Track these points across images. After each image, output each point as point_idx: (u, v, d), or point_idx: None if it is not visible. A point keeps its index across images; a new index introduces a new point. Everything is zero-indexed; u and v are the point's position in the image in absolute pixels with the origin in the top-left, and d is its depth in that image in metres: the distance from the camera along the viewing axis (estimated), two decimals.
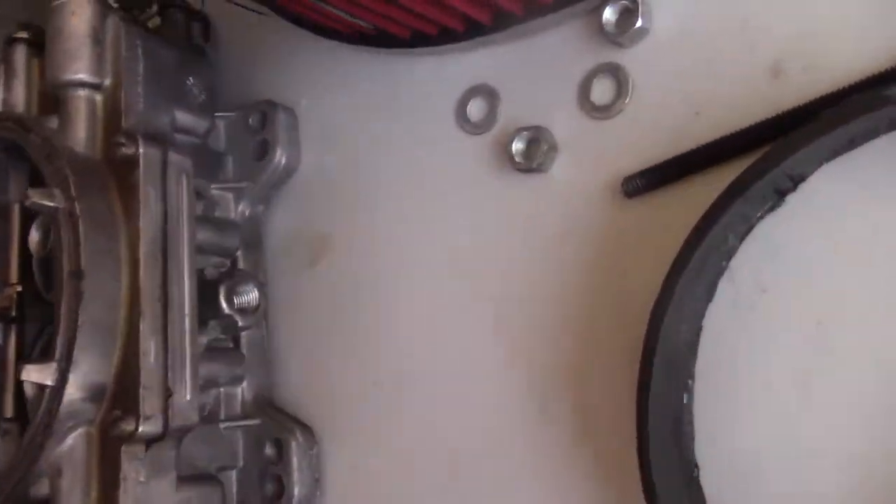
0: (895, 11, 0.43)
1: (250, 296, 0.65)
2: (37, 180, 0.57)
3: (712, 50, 0.49)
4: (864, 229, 0.43)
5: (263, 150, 0.67)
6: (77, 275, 0.53)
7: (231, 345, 0.66)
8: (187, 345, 0.57)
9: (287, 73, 0.70)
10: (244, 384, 0.65)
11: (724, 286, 0.47)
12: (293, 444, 0.62)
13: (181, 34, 0.73)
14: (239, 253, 0.68)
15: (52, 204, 0.54)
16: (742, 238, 0.46)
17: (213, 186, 0.67)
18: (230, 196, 0.68)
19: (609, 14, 0.51)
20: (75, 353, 0.53)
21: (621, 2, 0.50)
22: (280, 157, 0.67)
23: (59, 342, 0.53)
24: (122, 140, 0.56)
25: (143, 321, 0.55)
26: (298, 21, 0.63)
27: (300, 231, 0.67)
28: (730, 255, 0.46)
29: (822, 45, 0.45)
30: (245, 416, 0.65)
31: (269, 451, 0.64)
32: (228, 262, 0.67)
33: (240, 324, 0.64)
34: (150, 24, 0.76)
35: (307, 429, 0.63)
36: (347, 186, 0.65)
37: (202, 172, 0.67)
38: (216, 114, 0.68)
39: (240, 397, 0.65)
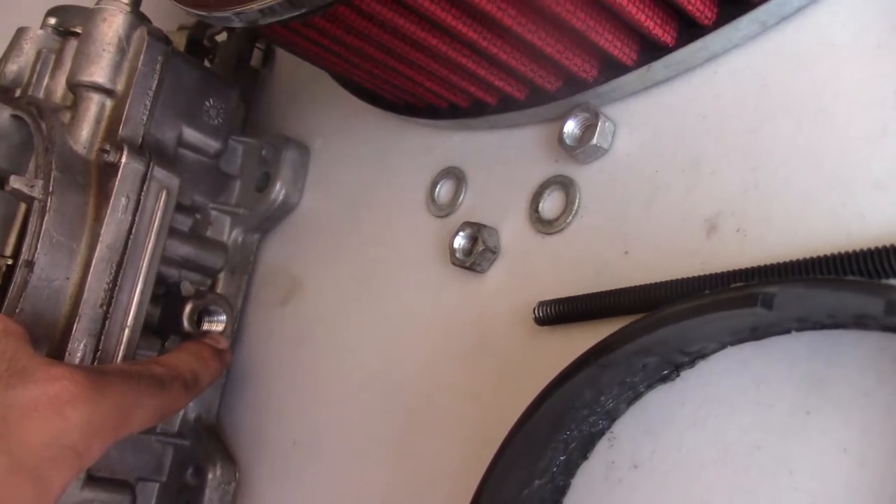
0: (846, 183, 0.37)
1: (218, 320, 0.66)
2: None
3: (657, 185, 0.44)
4: (748, 436, 0.37)
5: (265, 182, 0.68)
6: (28, 264, 0.56)
7: None
8: (121, 354, 0.58)
9: (314, 113, 0.70)
10: (190, 403, 0.66)
11: (603, 448, 0.43)
12: (210, 476, 0.62)
13: (234, 54, 0.76)
14: (222, 275, 0.69)
15: (30, 194, 0.57)
16: (629, 402, 0.42)
17: (212, 206, 0.68)
18: (227, 219, 0.69)
19: (570, 126, 0.47)
20: None
21: (584, 115, 0.47)
22: (278, 192, 0.67)
23: None
24: (107, 147, 0.58)
25: (79, 322, 0.56)
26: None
27: (281, 268, 0.68)
28: (610, 416, 0.42)
29: (761, 207, 0.40)
30: (179, 435, 0.65)
31: (189, 475, 0.64)
32: (209, 282, 0.68)
33: None
34: (218, 39, 0.80)
35: (230, 462, 0.63)
36: (327, 234, 0.64)
37: (205, 190, 0.68)
38: (236, 138, 0.70)
39: (181, 414, 0.66)
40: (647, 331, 0.35)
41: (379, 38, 0.46)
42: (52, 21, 0.72)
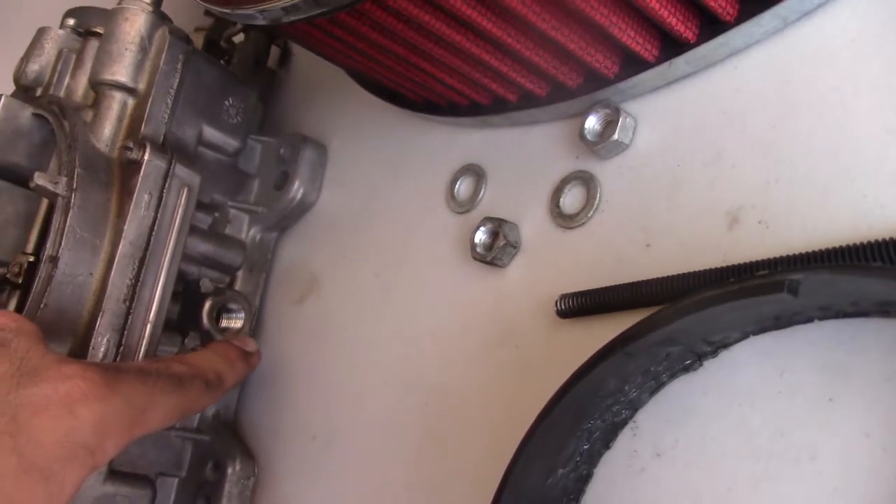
0: (866, 175, 0.38)
1: (237, 317, 0.67)
2: None
3: (679, 179, 0.45)
4: (771, 424, 0.38)
5: (283, 181, 0.69)
6: (53, 259, 0.57)
7: None
8: (142, 349, 0.59)
9: (331, 112, 0.71)
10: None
11: (626, 437, 0.43)
12: (229, 471, 0.63)
13: (252, 54, 0.77)
14: (241, 273, 0.69)
15: (54, 190, 0.58)
16: (652, 392, 0.42)
17: (231, 204, 0.69)
18: (245, 217, 0.70)
19: (591, 122, 0.48)
20: None
21: (605, 111, 0.47)
22: (296, 190, 0.68)
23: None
24: (130, 145, 0.59)
25: (102, 317, 0.57)
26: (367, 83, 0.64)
27: (299, 266, 0.68)
28: (633, 405, 0.42)
29: (783, 200, 0.40)
30: (198, 431, 0.66)
31: (209, 470, 0.65)
32: (227, 279, 0.69)
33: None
34: (236, 40, 0.81)
35: (249, 458, 0.64)
36: (345, 233, 0.65)
37: (224, 188, 0.69)
38: (254, 136, 0.71)
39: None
40: (674, 318, 0.35)
41: (404, 34, 0.46)
42: (72, 21, 0.73)
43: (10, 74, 0.72)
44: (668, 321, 0.36)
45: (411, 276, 0.58)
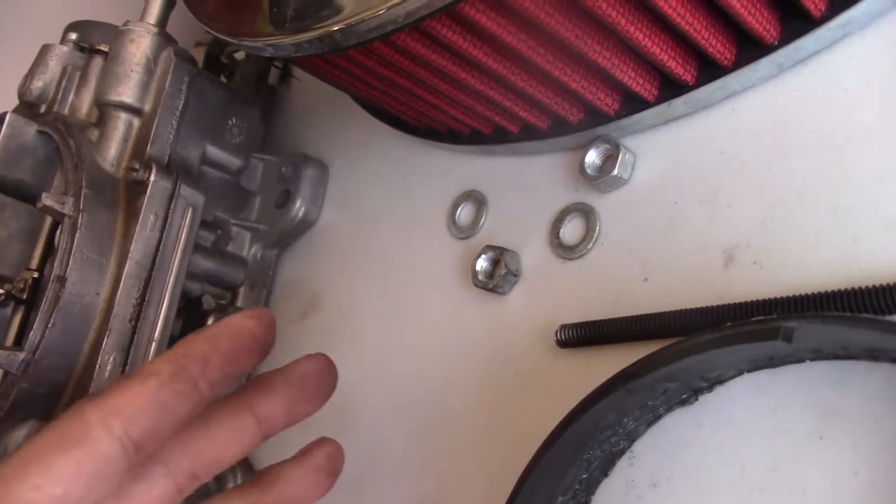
0: (859, 221, 0.39)
1: None
2: None
3: (676, 216, 0.46)
4: (764, 459, 0.39)
5: (285, 199, 0.70)
6: (61, 280, 0.58)
7: None
8: None
9: (332, 132, 0.72)
10: None
11: (623, 466, 0.45)
12: (230, 485, 0.64)
13: (253, 73, 0.78)
14: (242, 290, 0.71)
15: (61, 210, 0.59)
16: (649, 424, 0.44)
17: (233, 221, 0.70)
18: (247, 235, 0.71)
19: (591, 156, 0.49)
20: (41, 350, 0.57)
21: (605, 146, 0.49)
22: (298, 209, 0.69)
23: (31, 337, 0.57)
24: (136, 166, 0.60)
25: (109, 336, 0.58)
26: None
27: (300, 284, 0.69)
28: (631, 437, 0.44)
29: (777, 240, 0.42)
30: None
31: (210, 483, 0.66)
32: (229, 296, 0.70)
33: None
34: (237, 56, 0.81)
35: (250, 472, 0.65)
36: (347, 252, 0.66)
37: (226, 206, 0.70)
38: (256, 155, 0.72)
39: None
40: (673, 359, 0.37)
41: (410, 70, 0.48)
42: (74, 36, 0.73)
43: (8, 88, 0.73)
44: (668, 361, 0.37)
45: (412, 299, 0.59)
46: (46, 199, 0.59)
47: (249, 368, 0.45)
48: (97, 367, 0.57)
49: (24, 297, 0.65)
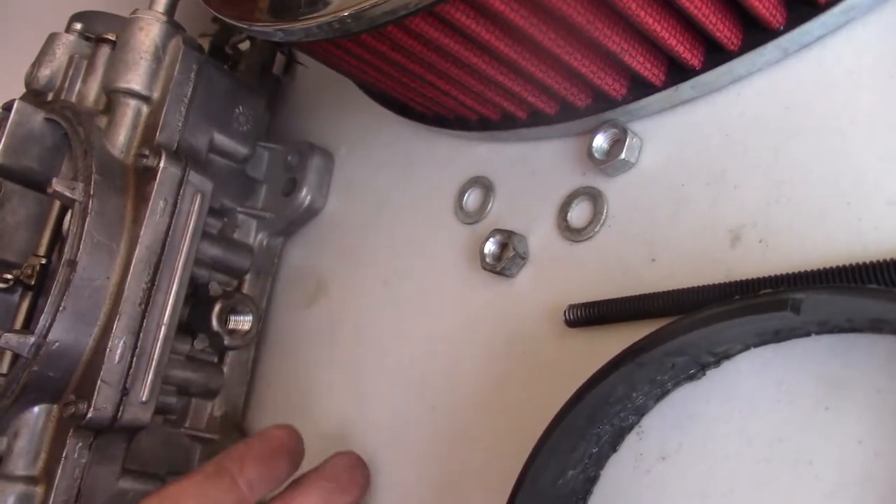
0: (862, 199, 0.41)
1: (244, 319, 0.69)
2: None
3: (683, 197, 0.47)
4: (770, 430, 0.41)
5: (291, 187, 0.70)
6: (71, 264, 0.58)
7: (215, 360, 0.69)
8: (157, 351, 0.60)
9: (337, 120, 0.73)
10: (217, 399, 0.69)
11: (632, 441, 0.46)
12: None
13: (259, 62, 0.78)
14: (248, 277, 0.71)
15: (71, 196, 0.60)
16: (657, 399, 0.45)
17: (239, 209, 0.71)
18: (253, 222, 0.72)
19: (599, 140, 0.50)
20: (51, 334, 0.57)
21: (612, 130, 0.50)
22: (304, 197, 0.70)
23: (41, 320, 0.58)
24: (146, 152, 0.61)
25: (119, 320, 0.59)
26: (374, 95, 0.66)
27: (306, 271, 0.70)
28: (640, 411, 0.45)
29: (783, 220, 0.43)
30: (207, 430, 0.68)
31: None
32: (235, 283, 0.71)
33: (226, 343, 0.67)
34: (241, 47, 0.82)
35: None
36: (353, 238, 0.67)
37: (233, 194, 0.71)
38: (262, 143, 0.72)
39: (209, 411, 0.68)
40: (684, 331, 0.38)
41: (422, 54, 0.49)
42: (79, 26, 0.74)
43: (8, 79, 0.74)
44: (678, 334, 0.38)
45: (420, 284, 0.60)
46: (56, 185, 0.60)
47: (284, 473, 0.52)
48: (107, 350, 0.58)
49: (32, 282, 0.66)
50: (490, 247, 0.54)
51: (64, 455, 0.58)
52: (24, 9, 1.11)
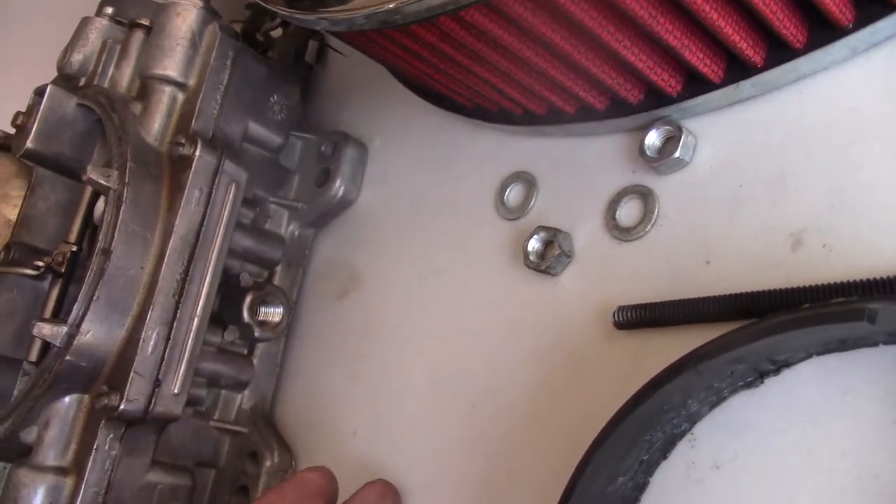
0: None
1: (275, 311, 0.68)
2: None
3: (740, 198, 0.46)
4: (833, 442, 0.39)
5: (325, 178, 0.69)
6: (106, 252, 0.57)
7: (245, 351, 0.68)
8: (189, 343, 0.59)
9: (371, 111, 0.72)
10: (246, 392, 0.68)
11: (683, 448, 0.44)
12: (267, 462, 0.64)
13: (292, 50, 0.77)
14: (279, 268, 0.70)
15: (106, 184, 0.59)
16: (712, 406, 0.43)
17: (271, 199, 0.70)
18: (285, 213, 0.70)
19: (652, 138, 0.49)
20: (85, 323, 0.56)
21: (666, 128, 0.49)
22: (338, 188, 0.69)
23: (75, 310, 0.57)
24: (182, 140, 0.60)
25: (153, 311, 0.58)
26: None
27: (338, 262, 0.69)
28: (692, 419, 0.44)
29: (847, 224, 0.42)
30: (236, 422, 0.67)
31: (246, 462, 0.66)
32: (266, 274, 0.70)
33: (257, 334, 0.66)
34: (273, 34, 0.81)
35: (287, 450, 0.65)
36: (387, 231, 0.66)
37: (266, 184, 0.70)
38: (296, 133, 0.71)
39: (238, 403, 0.68)
40: (750, 340, 0.37)
41: (473, 46, 0.47)
42: (109, 10, 0.73)
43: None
44: (744, 342, 0.37)
45: (458, 280, 0.59)
46: (91, 173, 0.59)
47: None
48: (140, 341, 0.57)
49: (63, 270, 0.65)
50: (534, 244, 0.53)
51: (95, 447, 0.57)
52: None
